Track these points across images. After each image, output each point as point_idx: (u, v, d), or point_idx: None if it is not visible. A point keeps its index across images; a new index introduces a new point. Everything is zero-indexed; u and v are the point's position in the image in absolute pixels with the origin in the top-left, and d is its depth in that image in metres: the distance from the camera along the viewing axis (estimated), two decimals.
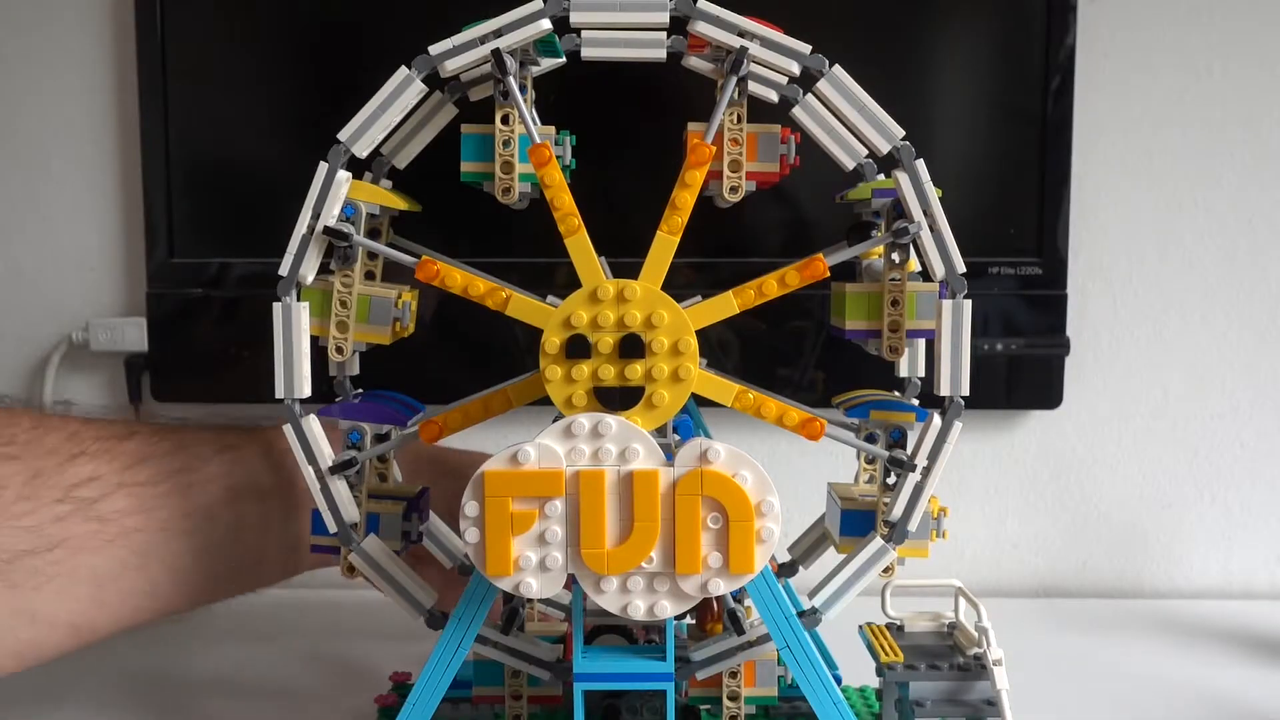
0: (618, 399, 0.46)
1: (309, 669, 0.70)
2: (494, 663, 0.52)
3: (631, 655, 0.49)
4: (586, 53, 0.49)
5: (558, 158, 0.48)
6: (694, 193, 0.46)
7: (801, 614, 0.49)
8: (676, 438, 0.48)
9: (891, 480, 0.51)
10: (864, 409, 0.52)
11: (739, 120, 0.49)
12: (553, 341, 0.46)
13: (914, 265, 0.52)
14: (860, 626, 0.57)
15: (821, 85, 0.48)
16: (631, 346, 0.46)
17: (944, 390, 0.48)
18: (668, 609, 0.44)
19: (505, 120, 0.49)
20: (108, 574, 0.52)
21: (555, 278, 0.72)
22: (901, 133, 0.48)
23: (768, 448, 0.81)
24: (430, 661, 0.47)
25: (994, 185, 0.84)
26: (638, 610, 0.44)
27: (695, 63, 0.50)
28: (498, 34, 0.47)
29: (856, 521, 0.52)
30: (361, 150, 0.48)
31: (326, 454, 0.49)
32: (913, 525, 0.49)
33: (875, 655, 0.54)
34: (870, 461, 0.54)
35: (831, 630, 0.53)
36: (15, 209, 0.90)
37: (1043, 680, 0.65)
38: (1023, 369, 0.85)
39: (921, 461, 0.49)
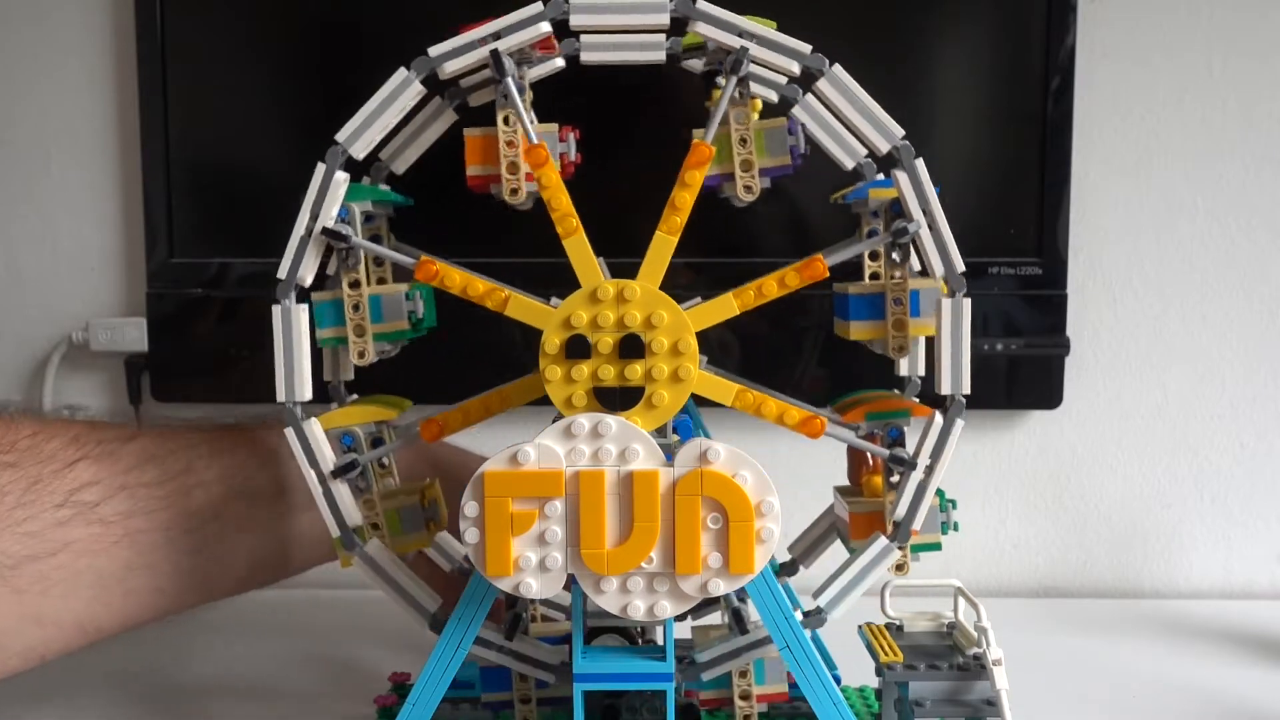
0: (618, 399, 0.46)
1: (309, 669, 0.70)
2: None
3: (631, 655, 0.49)
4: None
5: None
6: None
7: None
8: (676, 438, 0.48)
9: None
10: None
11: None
12: (552, 342, 0.46)
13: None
14: (860, 626, 0.57)
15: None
16: (631, 347, 0.46)
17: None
18: (667, 609, 0.44)
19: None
20: (112, 575, 0.52)
21: (558, 279, 0.72)
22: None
23: (767, 448, 0.80)
24: (430, 662, 0.47)
25: (994, 185, 0.84)
26: (637, 610, 0.44)
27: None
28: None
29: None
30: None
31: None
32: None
33: (875, 655, 0.54)
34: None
35: (831, 630, 0.53)
36: (15, 209, 0.90)
37: (1043, 680, 0.65)
38: (1023, 369, 0.85)
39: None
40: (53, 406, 0.90)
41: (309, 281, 0.48)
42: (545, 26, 0.47)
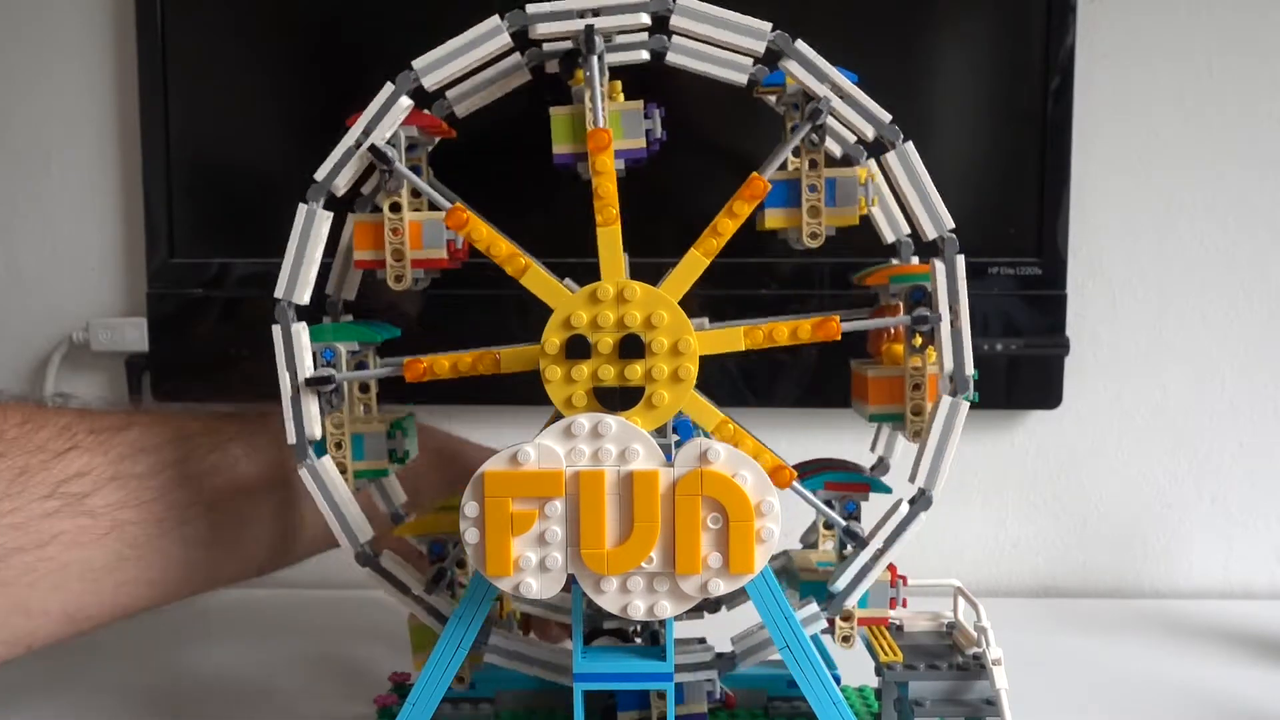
0: (617, 399, 0.46)
1: (309, 669, 0.70)
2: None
3: (631, 655, 0.49)
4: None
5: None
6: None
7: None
8: (676, 438, 0.48)
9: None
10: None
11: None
12: (552, 342, 0.46)
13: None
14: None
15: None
16: (631, 347, 0.46)
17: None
18: (667, 609, 0.44)
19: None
20: (103, 566, 0.52)
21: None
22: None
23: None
24: (430, 662, 0.47)
25: (994, 185, 0.84)
26: (637, 610, 0.44)
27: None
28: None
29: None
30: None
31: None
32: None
33: (874, 655, 0.54)
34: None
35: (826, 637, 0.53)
36: (15, 209, 0.90)
37: (1042, 680, 0.65)
38: (1023, 369, 0.85)
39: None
40: (44, 396, 0.90)
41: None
42: (406, 101, 0.48)
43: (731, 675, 0.53)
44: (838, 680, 0.58)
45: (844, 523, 0.51)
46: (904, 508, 0.49)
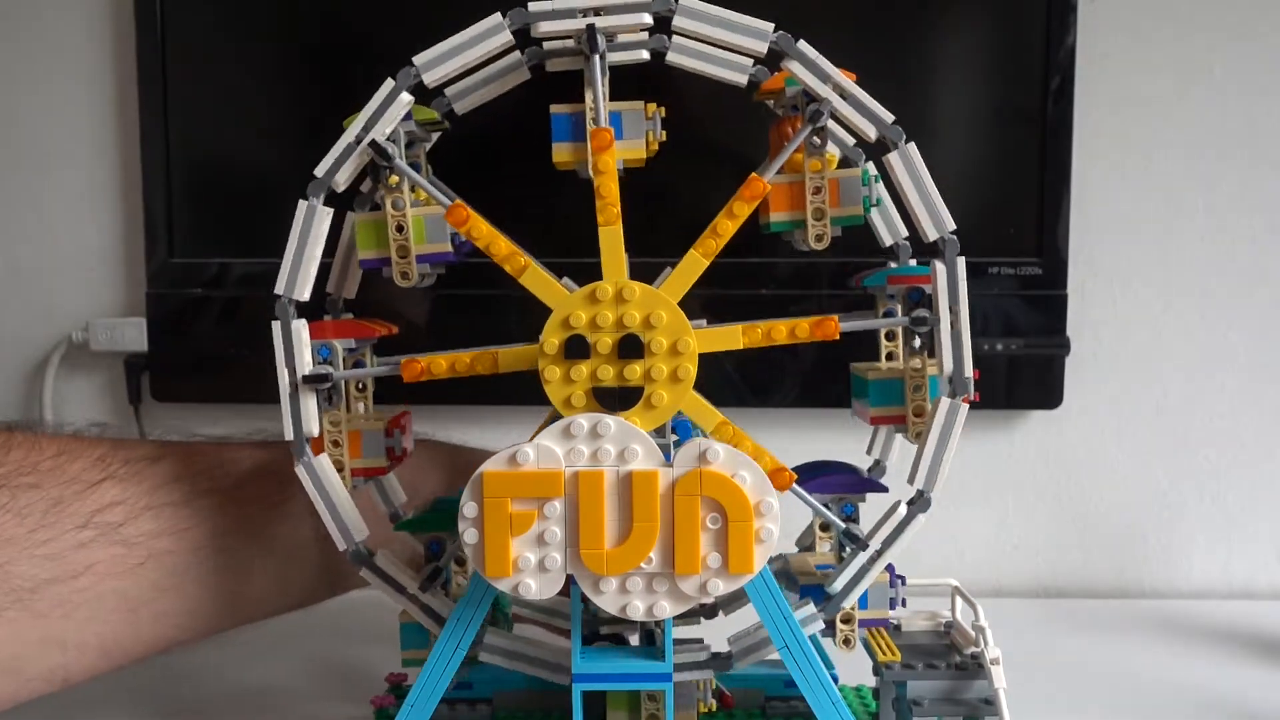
0: (617, 399, 0.46)
1: (305, 671, 0.70)
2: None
3: (630, 655, 0.49)
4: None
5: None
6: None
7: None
8: (675, 438, 0.48)
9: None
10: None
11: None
12: (551, 342, 0.46)
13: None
14: None
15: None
16: (630, 347, 0.46)
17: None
18: (666, 609, 0.44)
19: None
20: (139, 598, 0.51)
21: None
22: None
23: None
24: (428, 662, 0.47)
25: (994, 185, 0.84)
26: (636, 610, 0.44)
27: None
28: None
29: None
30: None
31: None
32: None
33: (872, 654, 0.54)
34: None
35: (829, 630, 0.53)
36: (15, 209, 0.90)
37: (1042, 680, 0.65)
38: (1023, 369, 0.85)
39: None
40: (53, 405, 0.90)
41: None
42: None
43: (729, 675, 0.53)
44: (835, 680, 0.58)
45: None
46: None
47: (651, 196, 0.57)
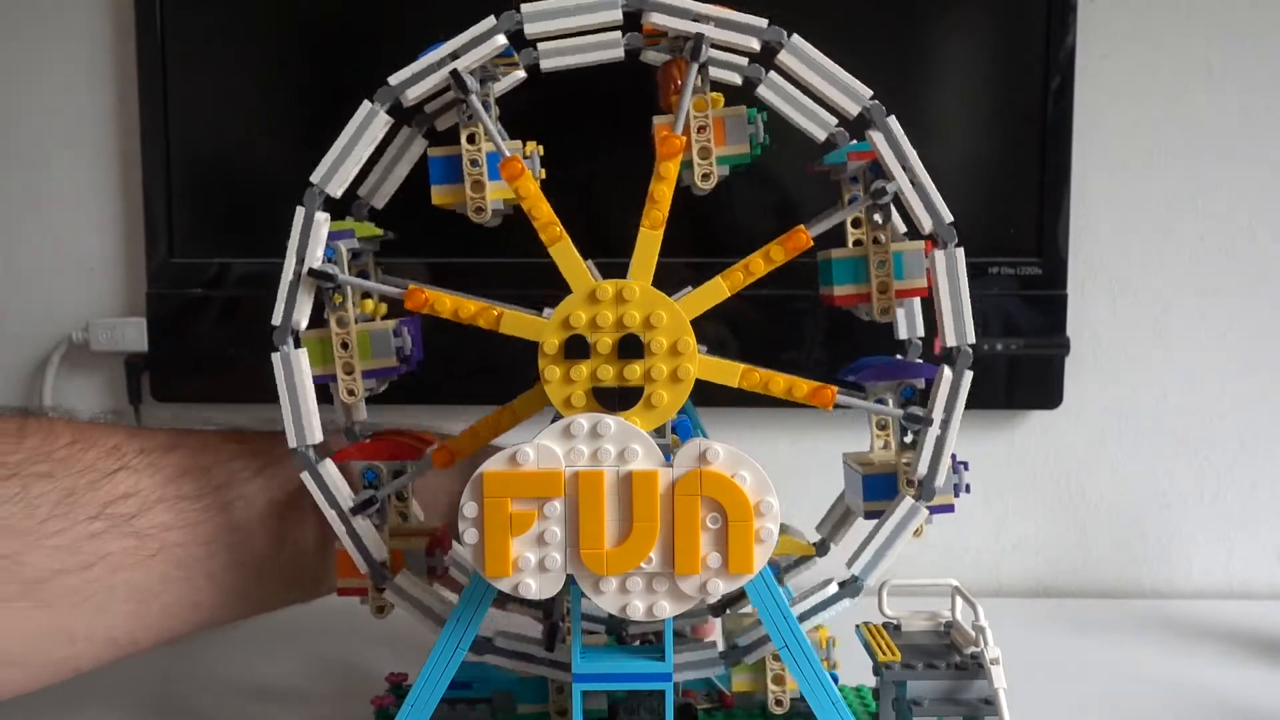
0: (616, 400, 0.46)
1: (305, 670, 0.70)
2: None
3: (630, 656, 0.49)
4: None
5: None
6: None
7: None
8: (675, 438, 0.48)
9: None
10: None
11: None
12: (551, 342, 0.46)
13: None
14: (857, 626, 0.57)
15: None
16: (630, 347, 0.46)
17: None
18: (666, 609, 0.44)
19: (471, 139, 0.49)
20: (149, 589, 0.51)
21: (558, 278, 0.72)
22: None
23: (767, 448, 0.81)
24: (428, 662, 0.47)
25: (994, 185, 0.84)
26: (636, 610, 0.44)
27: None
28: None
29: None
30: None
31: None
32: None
33: (872, 654, 0.54)
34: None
35: (828, 630, 0.54)
36: (15, 209, 0.90)
37: (1042, 680, 0.65)
38: (1023, 369, 0.85)
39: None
40: (53, 405, 0.90)
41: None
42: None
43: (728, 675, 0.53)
44: (835, 680, 0.58)
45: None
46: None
47: (612, 197, 0.56)
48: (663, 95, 0.52)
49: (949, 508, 0.51)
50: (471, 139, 0.49)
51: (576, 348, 0.46)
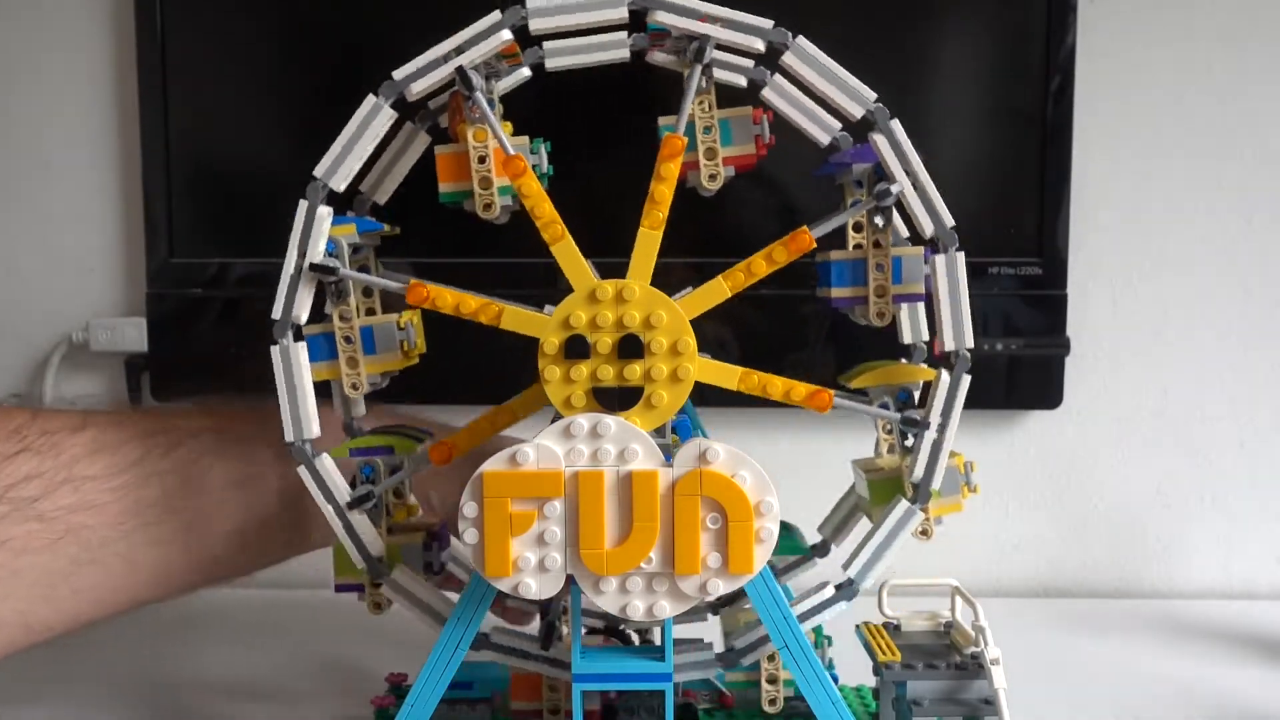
0: (616, 400, 0.46)
1: (304, 670, 0.70)
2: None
3: (630, 656, 0.49)
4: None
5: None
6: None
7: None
8: (675, 438, 0.48)
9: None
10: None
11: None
12: (551, 342, 0.46)
13: None
14: (857, 626, 0.57)
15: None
16: (630, 347, 0.46)
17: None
18: (666, 609, 0.44)
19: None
20: (58, 572, 0.50)
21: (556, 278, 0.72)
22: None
23: (767, 448, 0.81)
24: (428, 662, 0.47)
25: (994, 185, 0.84)
26: (636, 610, 0.44)
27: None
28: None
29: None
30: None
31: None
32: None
33: (872, 654, 0.54)
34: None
35: (828, 630, 0.53)
36: (15, 209, 0.90)
37: (1042, 680, 0.65)
38: (1023, 369, 0.85)
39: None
40: (53, 405, 0.90)
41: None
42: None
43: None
44: (835, 679, 0.58)
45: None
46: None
47: (615, 197, 0.56)
48: (451, 124, 0.51)
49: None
50: (344, 315, 0.49)
51: (576, 348, 0.46)
